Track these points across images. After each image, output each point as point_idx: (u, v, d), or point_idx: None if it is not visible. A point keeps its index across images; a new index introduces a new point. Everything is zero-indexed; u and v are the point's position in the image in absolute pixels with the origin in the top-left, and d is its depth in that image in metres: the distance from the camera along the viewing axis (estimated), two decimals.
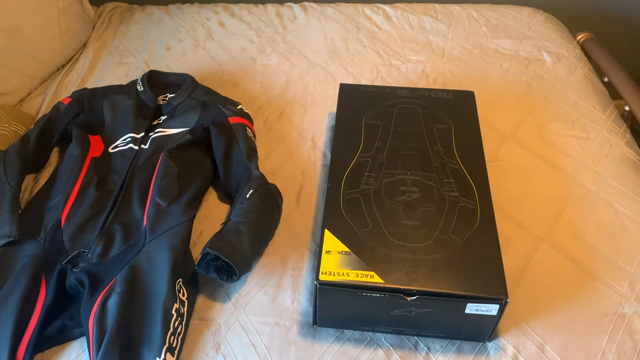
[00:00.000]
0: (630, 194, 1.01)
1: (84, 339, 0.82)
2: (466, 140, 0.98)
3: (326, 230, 0.82)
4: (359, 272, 0.77)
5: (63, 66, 1.37)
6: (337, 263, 0.78)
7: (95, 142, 1.06)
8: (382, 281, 0.76)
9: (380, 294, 0.76)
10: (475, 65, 1.33)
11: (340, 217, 0.84)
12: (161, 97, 1.16)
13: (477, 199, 0.87)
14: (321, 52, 1.38)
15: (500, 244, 0.81)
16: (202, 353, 0.80)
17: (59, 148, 1.12)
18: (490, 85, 1.27)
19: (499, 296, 0.74)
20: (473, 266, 0.77)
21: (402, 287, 0.75)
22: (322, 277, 0.76)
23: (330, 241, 0.81)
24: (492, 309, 0.75)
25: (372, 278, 0.76)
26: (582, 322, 0.82)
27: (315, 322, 0.83)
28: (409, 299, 0.75)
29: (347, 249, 0.80)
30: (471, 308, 0.75)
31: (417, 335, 0.82)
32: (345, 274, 0.77)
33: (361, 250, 0.79)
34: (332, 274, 0.77)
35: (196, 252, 0.91)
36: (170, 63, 1.35)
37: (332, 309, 0.80)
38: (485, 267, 0.77)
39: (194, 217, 0.94)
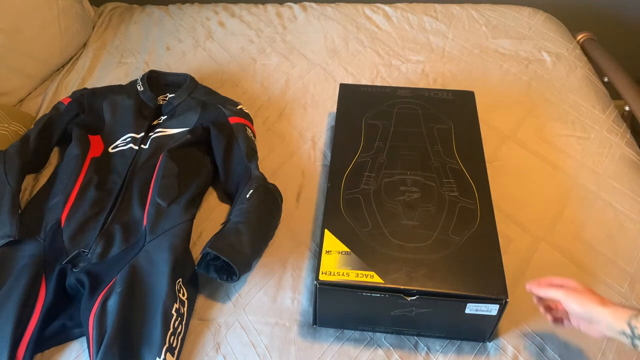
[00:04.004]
0: (630, 194, 1.01)
1: (84, 339, 0.82)
2: (466, 140, 0.98)
3: (326, 230, 0.82)
4: (359, 272, 0.77)
5: (63, 66, 1.37)
6: (337, 263, 0.78)
7: (95, 142, 1.06)
8: (382, 281, 0.76)
9: (380, 294, 0.76)
10: (475, 65, 1.33)
11: (340, 217, 0.84)
12: (161, 97, 1.16)
13: (477, 199, 0.87)
14: (321, 52, 1.38)
15: (500, 244, 0.81)
16: (202, 353, 0.80)
17: (59, 148, 1.12)
18: (490, 85, 1.26)
19: (499, 296, 0.74)
20: (473, 266, 0.77)
21: (402, 287, 0.75)
22: (322, 277, 0.76)
23: (330, 241, 0.81)
24: (492, 309, 0.75)
25: (372, 278, 0.76)
26: None
27: (315, 322, 0.83)
28: (408, 299, 0.75)
29: (347, 249, 0.79)
30: (471, 308, 0.75)
31: (417, 335, 0.82)
32: (345, 274, 0.77)
33: (361, 250, 0.79)
34: (332, 274, 0.77)
35: (196, 252, 0.91)
36: (170, 63, 1.35)
37: (332, 309, 0.80)
38: (485, 267, 0.77)
39: (194, 217, 0.95)
